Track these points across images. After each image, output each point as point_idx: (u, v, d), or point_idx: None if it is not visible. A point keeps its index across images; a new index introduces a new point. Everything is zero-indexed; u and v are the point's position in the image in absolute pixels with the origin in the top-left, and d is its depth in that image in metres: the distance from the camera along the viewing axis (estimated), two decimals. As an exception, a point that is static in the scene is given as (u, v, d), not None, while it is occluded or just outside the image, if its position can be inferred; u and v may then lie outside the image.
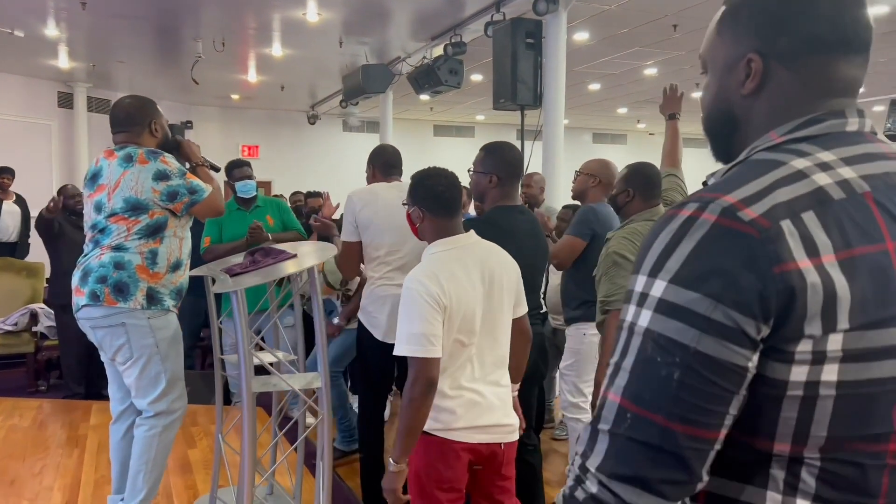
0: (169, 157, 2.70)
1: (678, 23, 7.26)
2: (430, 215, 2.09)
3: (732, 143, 0.89)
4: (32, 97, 10.31)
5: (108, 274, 2.58)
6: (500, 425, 2.08)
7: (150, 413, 2.71)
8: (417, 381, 1.92)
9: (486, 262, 2.10)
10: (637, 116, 14.54)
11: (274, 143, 13.55)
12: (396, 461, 1.98)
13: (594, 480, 0.75)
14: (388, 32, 7.90)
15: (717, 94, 0.90)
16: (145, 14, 7.17)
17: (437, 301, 1.94)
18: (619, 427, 0.74)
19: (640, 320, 0.74)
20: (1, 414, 4.59)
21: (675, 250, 0.73)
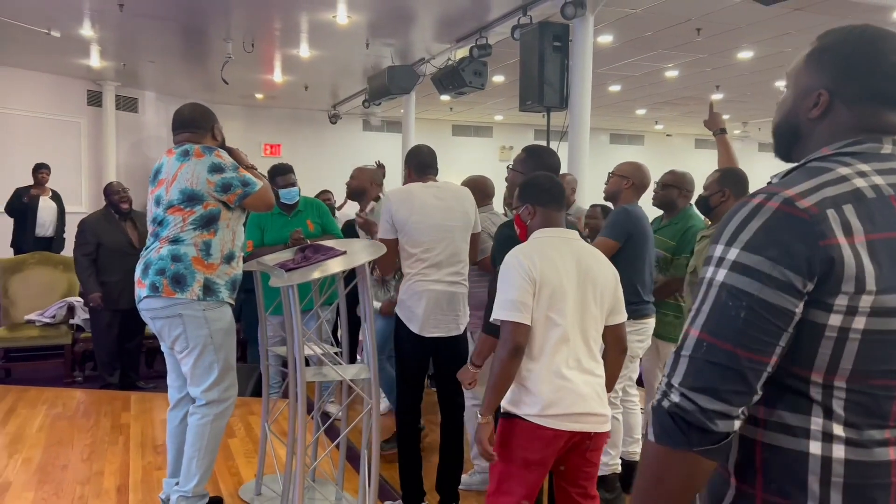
0: (223, 152, 2.86)
1: (702, 27, 7.33)
2: (541, 208, 2.31)
3: (792, 150, 1.18)
4: (63, 95, 10.51)
5: (167, 266, 2.72)
6: (593, 414, 2.18)
7: (203, 402, 2.84)
8: (506, 343, 2.12)
9: (583, 257, 2.26)
10: (655, 117, 14.57)
11: (295, 142, 13.71)
12: (483, 415, 2.18)
13: (677, 392, 1.00)
14: (414, 34, 8.01)
15: (791, 110, 1.16)
16: (177, 16, 7.32)
17: (527, 273, 2.14)
18: (698, 352, 1.00)
19: (717, 276, 1.00)
20: (45, 403, 4.76)
21: (746, 226, 1.00)
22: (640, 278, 3.36)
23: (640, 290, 3.36)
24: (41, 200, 7.94)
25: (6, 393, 5.02)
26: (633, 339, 3.38)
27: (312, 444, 3.31)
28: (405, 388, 3.36)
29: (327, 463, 3.50)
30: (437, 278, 3.17)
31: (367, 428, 2.86)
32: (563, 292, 2.17)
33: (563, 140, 6.14)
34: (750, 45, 8.24)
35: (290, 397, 2.88)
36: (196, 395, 2.85)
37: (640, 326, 3.40)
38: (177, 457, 2.99)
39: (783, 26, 7.28)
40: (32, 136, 9.93)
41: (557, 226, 2.32)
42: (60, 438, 4.04)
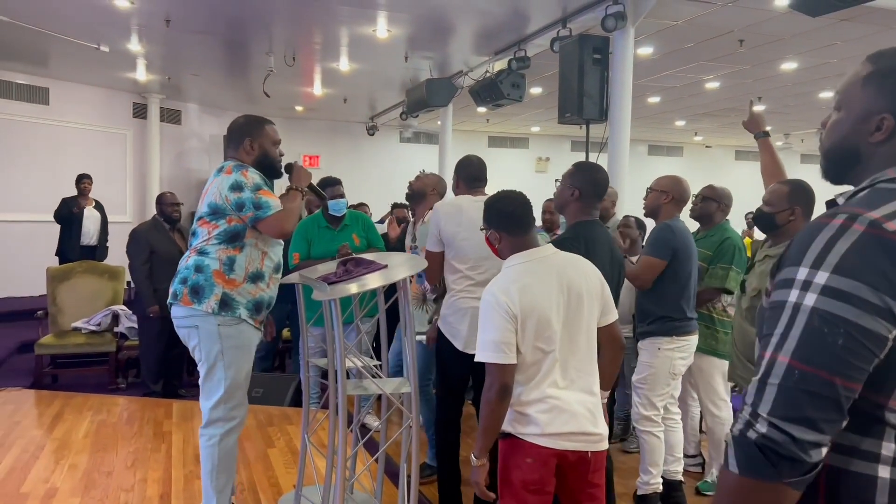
0: (254, 172, 2.80)
1: (745, 38, 7.23)
2: (506, 234, 2.27)
3: (847, 173, 1.16)
4: (110, 108, 10.80)
5: (189, 276, 2.74)
6: (587, 433, 2.15)
7: (205, 420, 2.81)
8: (493, 385, 2.10)
9: (563, 272, 2.21)
10: (695, 129, 14.39)
11: (334, 154, 13.86)
12: (477, 457, 2.16)
13: (764, 422, 0.96)
14: (452, 47, 8.05)
15: (849, 134, 1.14)
16: (221, 30, 7.48)
17: (507, 311, 2.11)
18: (789, 381, 0.96)
19: (805, 301, 0.97)
20: (90, 409, 4.86)
21: (832, 249, 0.97)
22: (684, 294, 3.32)
23: (683, 307, 3.31)
24: (85, 210, 8.17)
25: (53, 399, 5.15)
26: (676, 357, 3.34)
27: (351, 457, 3.32)
28: (446, 402, 3.36)
29: (366, 476, 3.51)
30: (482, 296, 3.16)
31: (406, 442, 2.86)
32: (547, 320, 2.13)
33: (602, 152, 6.11)
34: (794, 56, 8.10)
35: (330, 410, 2.89)
36: (203, 409, 2.83)
37: (682, 343, 3.35)
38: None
39: (829, 37, 7.14)
40: (81, 147, 10.22)
41: (528, 247, 2.25)
42: (105, 445, 4.12)
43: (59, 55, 8.65)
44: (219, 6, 6.59)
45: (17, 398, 5.16)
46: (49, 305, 6.08)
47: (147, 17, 6.88)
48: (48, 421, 4.58)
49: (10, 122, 9.53)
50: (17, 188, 9.57)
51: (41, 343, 5.81)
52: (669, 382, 3.37)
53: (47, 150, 9.89)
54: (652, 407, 3.37)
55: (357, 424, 3.34)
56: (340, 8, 6.62)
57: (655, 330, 3.31)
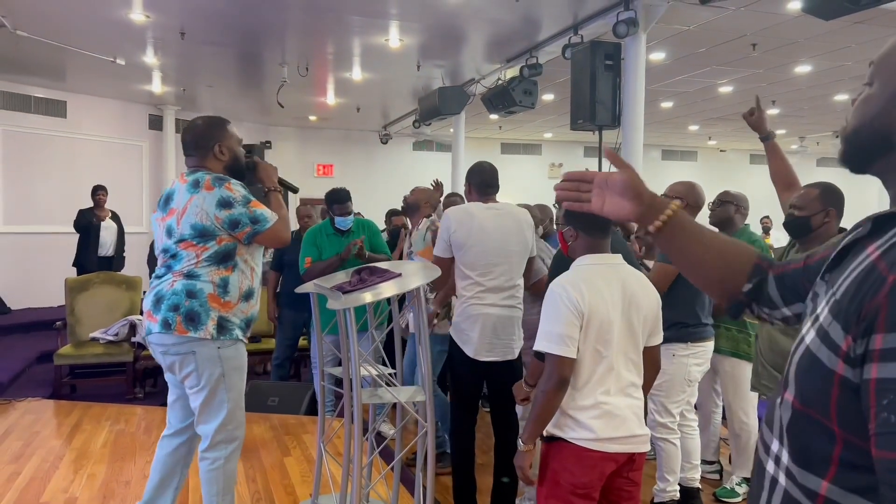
0: (235, 183, 2.64)
1: (757, 42, 7.20)
2: (583, 234, 2.27)
3: (876, 160, 0.94)
4: (126, 119, 10.94)
5: (181, 302, 2.55)
6: (635, 436, 2.18)
7: (207, 443, 2.68)
8: (551, 376, 2.11)
9: (628, 283, 2.23)
10: (709, 133, 14.33)
11: (347, 162, 13.94)
12: (525, 443, 2.18)
13: None
14: (464, 55, 8.08)
15: (881, 113, 0.92)
16: (235, 42, 7.56)
17: (575, 306, 2.11)
18: None
19: None
20: (108, 419, 4.90)
21: None
22: (698, 300, 3.30)
23: (698, 313, 3.30)
24: (102, 222, 8.27)
25: (72, 408, 5.20)
26: (691, 363, 3.33)
27: (367, 466, 3.33)
28: (460, 410, 3.36)
29: (381, 485, 3.51)
30: (493, 302, 3.17)
31: (421, 451, 2.86)
32: (609, 323, 2.15)
33: (615, 159, 6.10)
34: (808, 60, 8.06)
35: (345, 418, 2.90)
36: (204, 433, 2.69)
37: (698, 349, 3.33)
38: (157, 487, 2.83)
39: (843, 40, 7.10)
40: (98, 158, 10.36)
41: (602, 251, 2.27)
42: (124, 455, 4.15)
43: (75, 69, 8.78)
44: (233, 19, 6.66)
45: (36, 408, 5.22)
46: (67, 316, 6.15)
47: (162, 30, 6.97)
48: (67, 431, 4.62)
49: (29, 135, 9.68)
50: (36, 200, 9.71)
51: (60, 353, 5.87)
52: (685, 389, 3.35)
53: (65, 162, 10.03)
54: (668, 414, 3.35)
55: (372, 433, 3.35)
56: (353, 18, 6.68)
57: (670, 336, 3.27)
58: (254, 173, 2.88)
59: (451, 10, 6.32)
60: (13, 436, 4.48)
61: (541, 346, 2.14)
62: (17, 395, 5.62)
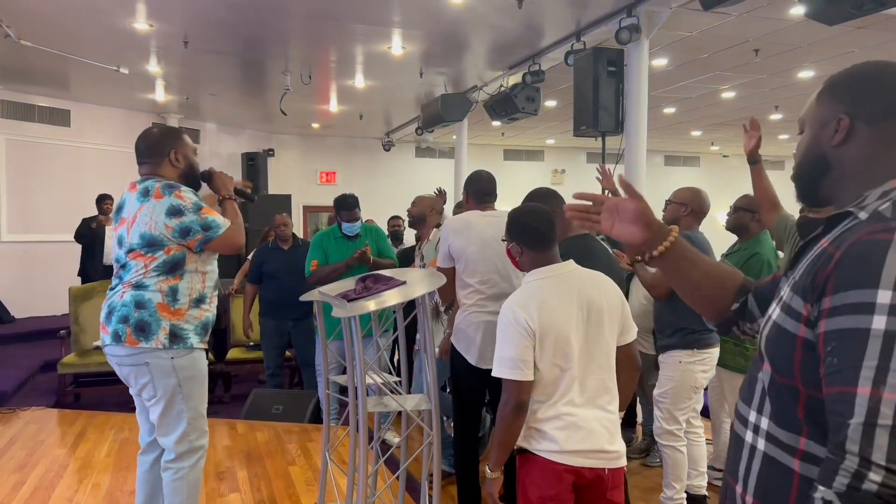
0: (186, 190, 2.61)
1: (760, 47, 7.20)
2: (527, 249, 2.26)
3: (820, 186, 1.15)
4: (130, 128, 10.91)
5: (130, 314, 2.52)
6: (604, 451, 2.14)
7: (172, 455, 2.65)
8: (508, 401, 2.11)
9: (583, 289, 2.20)
10: (711, 139, 14.33)
11: (350, 170, 13.95)
12: (492, 470, 2.17)
13: (880, 471, 0.85)
14: (467, 62, 8.09)
15: (811, 145, 1.16)
16: (238, 50, 7.58)
17: (525, 328, 2.10)
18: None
19: (877, 325, 0.89)
20: (112, 428, 4.90)
21: (884, 265, 0.91)
22: (703, 307, 3.29)
23: (703, 319, 3.28)
24: (107, 230, 8.27)
25: (76, 418, 5.19)
26: (697, 370, 3.31)
27: (372, 475, 3.31)
28: (463, 418, 3.35)
29: (387, 494, 3.49)
30: (494, 309, 3.15)
31: (427, 459, 2.85)
32: (565, 337, 2.12)
33: (618, 163, 6.09)
34: (811, 65, 8.06)
35: (350, 427, 2.89)
36: (166, 445, 2.66)
37: (703, 356, 3.32)
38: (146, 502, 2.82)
39: (846, 45, 7.10)
40: (102, 167, 10.36)
41: (549, 263, 2.24)
42: (128, 464, 4.14)
43: (79, 78, 8.81)
44: (236, 27, 6.68)
45: (40, 417, 5.22)
46: (71, 325, 6.14)
47: (166, 38, 6.99)
48: (71, 440, 4.62)
49: (33, 144, 9.70)
50: (40, 209, 9.73)
51: (64, 362, 5.87)
52: (691, 396, 3.33)
53: (69, 171, 10.04)
54: (674, 421, 3.34)
55: (377, 441, 3.33)
56: (355, 26, 6.69)
57: (676, 343, 3.29)
58: (210, 182, 2.86)
59: (454, 17, 6.33)
60: (17, 445, 4.48)
61: (496, 371, 2.14)
62: (22, 405, 5.62)
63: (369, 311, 2.60)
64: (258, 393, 5.31)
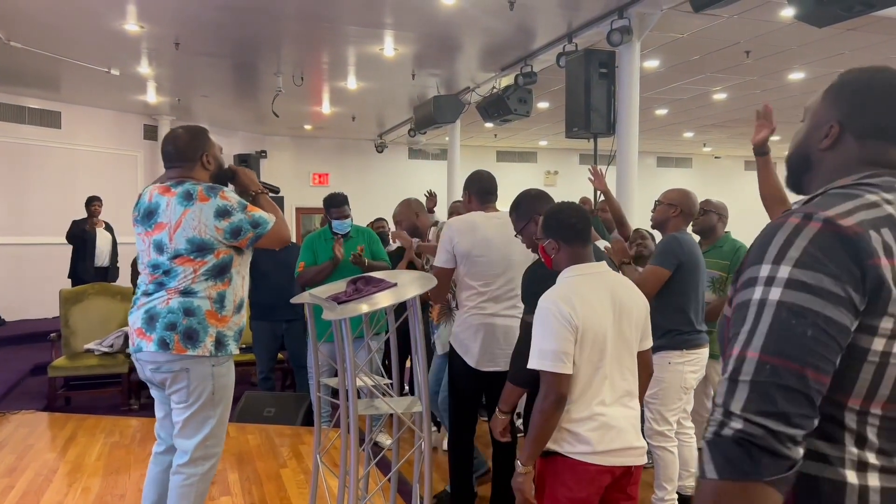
0: (228, 191, 2.63)
1: (751, 49, 7.23)
2: (565, 245, 2.25)
3: (802, 180, 1.22)
4: (121, 130, 10.93)
5: (178, 321, 2.50)
6: (633, 448, 2.16)
7: (186, 458, 2.63)
8: (548, 395, 2.07)
9: (615, 290, 2.22)
10: (703, 140, 14.37)
11: (343, 171, 13.93)
12: (524, 464, 2.13)
13: (739, 420, 0.93)
14: (459, 64, 8.10)
15: (804, 140, 1.21)
16: (230, 52, 7.56)
17: (568, 321, 2.08)
18: (760, 375, 0.94)
19: (770, 296, 0.97)
20: (102, 432, 4.87)
21: (792, 245, 0.98)
22: (692, 307, 3.30)
23: (692, 320, 3.30)
24: (98, 232, 8.24)
25: (67, 421, 5.16)
26: (687, 370, 3.32)
27: (364, 477, 3.31)
28: (459, 420, 3.34)
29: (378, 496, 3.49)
30: (494, 312, 3.16)
31: (419, 462, 2.85)
32: (603, 335, 2.13)
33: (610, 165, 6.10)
34: (801, 67, 8.10)
35: (342, 430, 2.88)
36: (183, 447, 2.63)
37: (692, 357, 3.33)
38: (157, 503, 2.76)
39: (836, 47, 7.13)
40: (93, 169, 10.33)
41: (586, 261, 2.25)
42: (118, 467, 4.12)
43: (70, 79, 8.77)
44: (227, 29, 6.67)
45: (30, 421, 5.18)
46: (62, 327, 6.11)
47: (157, 40, 6.97)
48: (61, 444, 4.59)
49: (24, 146, 9.66)
50: (31, 211, 9.68)
51: (54, 365, 5.83)
52: (681, 397, 3.34)
53: (60, 173, 10.00)
54: (664, 422, 3.34)
55: (369, 444, 3.33)
56: (348, 28, 6.69)
57: (665, 344, 3.29)
58: (234, 181, 2.84)
59: (446, 19, 6.33)
60: (7, 449, 4.45)
61: (535, 363, 2.10)
62: (11, 408, 5.58)
63: (360, 313, 2.59)
64: (250, 395, 5.29)
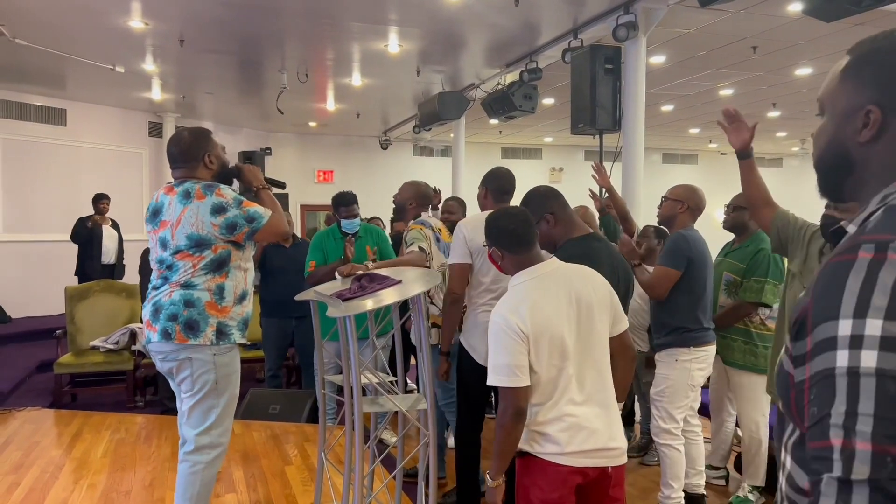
0: (224, 188, 2.72)
1: (758, 44, 7.19)
2: (508, 253, 2.24)
3: (844, 185, 0.98)
4: (126, 127, 10.93)
5: (179, 312, 2.62)
6: (607, 448, 2.12)
7: (192, 447, 2.71)
8: (507, 409, 2.06)
9: (571, 284, 2.18)
10: (709, 136, 14.32)
11: (348, 168, 13.93)
12: (493, 478, 2.13)
13: None
14: (464, 60, 8.07)
15: (833, 138, 0.97)
16: (234, 49, 7.55)
17: (518, 333, 2.07)
18: (883, 472, 0.73)
19: (862, 363, 0.75)
20: (108, 428, 4.87)
21: (875, 289, 0.77)
22: (700, 305, 3.28)
23: (700, 317, 3.27)
24: (104, 229, 8.25)
25: (73, 418, 5.17)
26: (694, 368, 3.30)
27: (369, 475, 3.30)
28: (467, 416, 3.33)
29: (384, 494, 3.48)
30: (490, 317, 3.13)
31: (423, 460, 2.83)
32: (560, 336, 2.09)
33: (616, 161, 6.07)
34: (808, 62, 8.04)
35: (346, 427, 2.87)
36: (188, 436, 2.73)
37: (700, 354, 3.31)
38: None
39: (843, 42, 7.07)
40: (98, 166, 10.35)
41: (532, 264, 2.22)
42: (124, 464, 4.12)
43: (75, 77, 8.77)
44: (231, 26, 6.65)
45: (36, 418, 5.19)
46: (67, 324, 6.13)
47: (161, 37, 6.96)
48: (67, 440, 4.60)
49: (29, 144, 9.67)
50: (36, 208, 9.70)
51: (60, 362, 5.85)
52: (689, 394, 3.32)
53: (65, 171, 10.01)
54: (671, 420, 3.32)
55: (374, 441, 3.32)
56: (352, 24, 6.66)
57: (672, 341, 3.27)
58: (239, 177, 2.93)
59: (451, 15, 6.30)
60: (13, 446, 4.46)
61: (492, 380, 2.10)
62: (17, 405, 5.60)
63: (365, 310, 2.58)
64: (255, 392, 5.28)
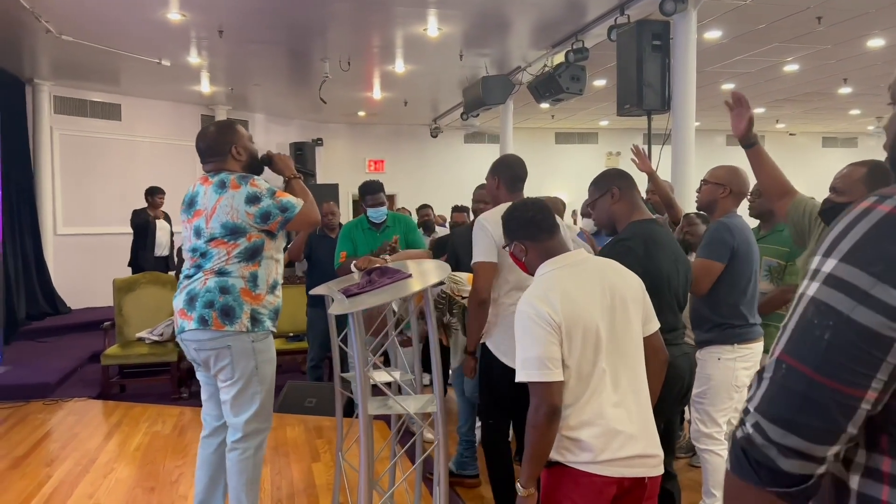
0: (259, 179, 2.78)
1: (822, 14, 6.69)
2: (531, 243, 2.07)
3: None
4: (178, 120, 11.09)
5: (215, 298, 2.66)
6: (646, 456, 1.91)
7: (240, 434, 2.76)
8: (539, 407, 1.84)
9: (604, 275, 1.99)
10: (776, 116, 13.61)
11: (398, 157, 13.86)
12: (524, 486, 1.91)
13: (751, 419, 0.85)
14: (509, 42, 7.82)
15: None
16: (275, 39, 7.51)
17: (548, 322, 1.86)
18: (776, 375, 0.85)
19: (808, 290, 0.84)
20: (146, 420, 4.91)
21: (848, 234, 0.82)
22: (745, 299, 2.99)
23: (744, 313, 2.99)
24: (157, 222, 8.38)
25: (114, 409, 5.24)
26: (739, 367, 3.02)
27: (390, 472, 3.17)
28: (493, 416, 3.16)
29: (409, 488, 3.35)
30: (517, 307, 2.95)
31: (437, 463, 2.68)
32: (594, 327, 1.89)
33: (665, 144, 5.75)
34: (881, 32, 7.46)
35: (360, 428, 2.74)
36: (235, 424, 2.77)
37: (746, 352, 3.02)
38: (208, 486, 2.89)
39: (920, 8, 6.52)
40: (152, 160, 10.54)
41: (559, 252, 2.03)
42: (154, 458, 4.12)
43: (128, 72, 8.93)
44: (269, 15, 6.60)
45: (81, 409, 5.28)
46: (115, 316, 6.22)
47: (201, 28, 6.97)
48: (104, 432, 4.64)
49: (87, 139, 9.92)
50: (94, 202, 9.95)
51: (107, 353, 5.94)
52: (732, 396, 3.04)
53: (121, 165, 10.24)
54: (713, 423, 3.05)
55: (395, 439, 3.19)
56: (393, 9, 6.52)
57: (714, 338, 3.00)
58: (271, 166, 2.95)
59: (490, -5, 6.08)
60: (52, 437, 4.53)
61: (521, 376, 1.88)
62: (67, 395, 5.71)
63: (366, 307, 2.44)
64: (292, 385, 5.24)
